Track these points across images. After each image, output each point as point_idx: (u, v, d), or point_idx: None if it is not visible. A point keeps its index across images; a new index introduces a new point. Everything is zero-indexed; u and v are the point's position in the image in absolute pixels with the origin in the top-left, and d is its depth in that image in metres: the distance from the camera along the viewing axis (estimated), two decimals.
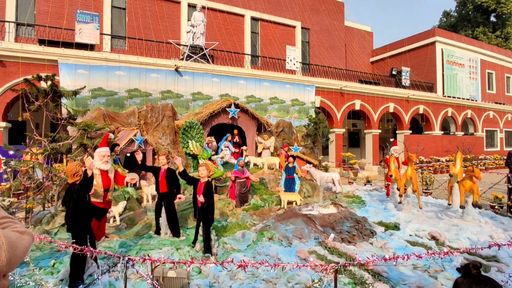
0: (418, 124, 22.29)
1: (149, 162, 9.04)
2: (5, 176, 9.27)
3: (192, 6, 16.25)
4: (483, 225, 6.73)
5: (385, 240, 5.73)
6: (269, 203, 8.39)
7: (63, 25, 12.87)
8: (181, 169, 5.40)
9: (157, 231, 6.10)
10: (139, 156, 5.80)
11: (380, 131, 18.50)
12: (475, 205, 7.00)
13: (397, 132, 19.74)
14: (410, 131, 19.56)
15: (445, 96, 22.02)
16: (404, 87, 19.83)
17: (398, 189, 8.22)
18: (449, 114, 21.70)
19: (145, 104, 10.94)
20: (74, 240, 3.95)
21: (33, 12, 13.55)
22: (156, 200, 6.20)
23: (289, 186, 8.78)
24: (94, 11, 13.89)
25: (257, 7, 18.56)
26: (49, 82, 6.83)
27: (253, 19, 18.62)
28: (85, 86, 9.52)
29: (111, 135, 7.64)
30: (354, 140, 23.28)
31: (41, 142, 6.85)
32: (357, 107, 17.47)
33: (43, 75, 7.49)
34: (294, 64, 15.27)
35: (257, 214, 7.73)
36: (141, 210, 7.36)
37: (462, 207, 7.13)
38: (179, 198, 5.77)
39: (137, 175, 8.61)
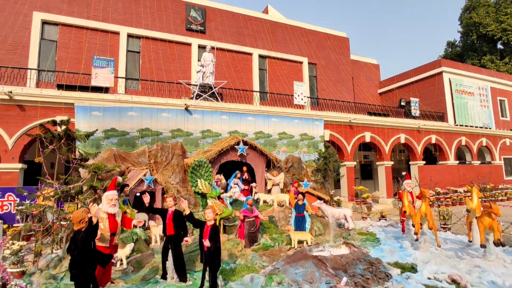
0: (432, 154, 21.85)
1: (158, 202, 9.05)
2: (17, 217, 9.41)
3: (202, 47, 17.04)
4: (509, 266, 6.30)
5: (401, 284, 5.40)
6: (279, 243, 8.15)
7: (81, 70, 13.63)
8: (187, 212, 5.36)
9: (164, 276, 5.94)
10: (146, 199, 5.82)
11: (392, 162, 18.18)
12: (497, 243, 6.61)
13: (410, 163, 19.35)
14: (424, 162, 19.15)
15: (457, 125, 21.73)
16: (414, 117, 19.73)
17: (414, 226, 7.89)
18: (463, 143, 21.26)
19: (155, 143, 11.16)
20: None
21: (54, 58, 14.46)
22: (163, 242, 6.11)
23: (300, 224, 8.56)
24: (110, 56, 14.75)
25: (264, 45, 19.33)
26: (63, 127, 7.10)
27: (261, 56, 19.32)
28: (97, 129, 9.85)
29: (119, 179, 7.75)
30: (366, 172, 22.88)
31: (52, 185, 6.99)
32: (368, 139, 17.35)
33: (58, 119, 7.80)
34: (302, 99, 15.52)
35: (266, 254, 7.49)
36: (148, 252, 7.24)
37: (483, 246, 6.74)
38: (186, 241, 5.68)
39: (146, 215, 8.59)
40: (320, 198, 11.04)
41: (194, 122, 12.58)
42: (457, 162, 20.76)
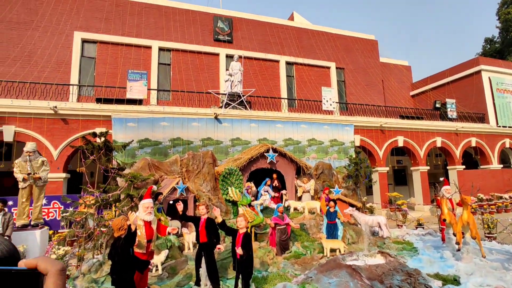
0: (472, 158, 20.61)
1: (190, 210, 9.27)
2: (62, 224, 10.04)
3: (229, 57, 17.39)
4: None
5: None
6: (311, 251, 8.03)
7: (117, 83, 14.40)
8: (219, 220, 5.46)
9: (197, 282, 6.06)
10: (180, 207, 5.99)
11: (428, 167, 17.37)
12: None
13: (448, 167, 18.37)
14: (463, 166, 18.10)
15: (499, 126, 20.37)
16: (450, 119, 18.78)
17: (455, 235, 7.46)
18: (507, 146, 19.87)
19: (187, 152, 11.48)
20: None
21: (93, 74, 15.41)
22: (197, 250, 6.24)
23: (331, 232, 8.39)
24: (143, 69, 15.46)
25: (291, 52, 19.37)
26: (102, 138, 7.53)
27: (288, 63, 19.36)
28: (133, 140, 10.31)
29: (154, 187, 8.04)
30: (400, 178, 22.00)
31: (93, 193, 7.40)
32: (400, 144, 16.73)
33: (97, 131, 8.28)
34: (331, 105, 15.32)
35: (298, 263, 7.41)
36: (182, 259, 7.42)
37: None
38: (219, 248, 5.76)
39: (180, 222, 8.82)
40: (352, 205, 10.77)
41: (224, 131, 12.81)
42: (501, 166, 19.41)
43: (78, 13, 15.54)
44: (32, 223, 7.72)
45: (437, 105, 19.17)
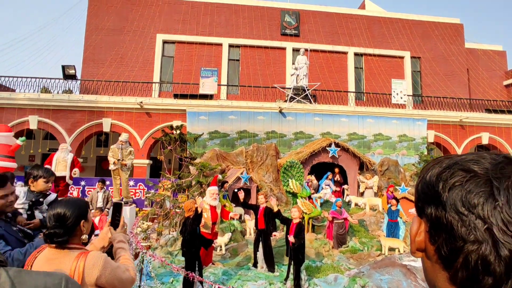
0: None
1: (253, 198, 9.96)
2: (145, 203, 11.68)
3: (296, 50, 17.53)
4: None
5: None
6: (369, 247, 8.01)
7: (191, 80, 15.81)
8: (275, 209, 5.92)
9: (255, 264, 6.66)
10: (241, 195, 6.62)
11: None
12: None
13: None
14: None
15: None
16: None
17: None
18: None
19: (252, 144, 12.19)
20: (186, 264, 4.87)
21: (171, 72, 17.15)
22: (255, 235, 6.84)
23: (392, 231, 8.21)
24: (215, 65, 16.62)
25: (360, 42, 18.62)
26: (178, 131, 8.60)
27: (356, 54, 18.68)
28: (203, 133, 11.41)
29: (220, 176, 8.88)
30: None
31: (170, 178, 8.54)
32: (485, 141, 14.97)
33: (174, 124, 9.43)
34: (401, 98, 14.46)
35: (354, 258, 7.51)
36: (243, 242, 8.14)
37: None
38: (274, 235, 6.25)
39: (243, 209, 9.58)
40: None
41: (288, 124, 13.18)
42: None
43: (160, 17, 17.36)
44: (124, 200, 9.25)
45: None
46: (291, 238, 5.25)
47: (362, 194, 11.25)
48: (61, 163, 9.00)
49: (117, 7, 17.02)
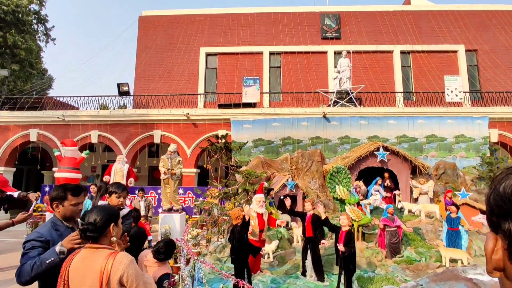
0: None
1: (299, 205, 9.84)
2: (194, 210, 12.12)
3: (337, 53, 17.17)
4: None
5: None
6: (426, 258, 7.45)
7: (234, 90, 16.21)
8: (323, 216, 5.79)
9: (304, 273, 6.55)
10: (287, 202, 6.58)
11: None
12: None
13: None
14: None
15: None
16: None
17: None
18: None
19: (296, 150, 12.10)
20: (235, 271, 4.94)
21: (215, 82, 17.77)
22: (303, 243, 6.74)
23: (453, 240, 7.56)
24: (256, 74, 16.88)
25: (406, 40, 17.69)
26: (223, 140, 8.85)
27: (403, 52, 17.76)
28: (248, 141, 11.59)
29: (266, 184, 8.92)
30: None
31: (217, 186, 8.79)
32: None
33: (219, 133, 9.72)
34: (457, 95, 13.40)
35: (410, 269, 7.03)
36: (291, 250, 8.05)
37: None
38: (323, 243, 6.10)
39: (289, 216, 9.51)
40: (483, 212, 9.31)
41: (332, 129, 12.90)
42: None
43: (202, 31, 18.14)
44: (174, 208, 9.71)
45: None
46: (341, 247, 5.09)
47: (416, 200, 10.55)
48: (119, 173, 9.73)
49: (164, 26, 18.15)
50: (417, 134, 12.71)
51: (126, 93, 14.94)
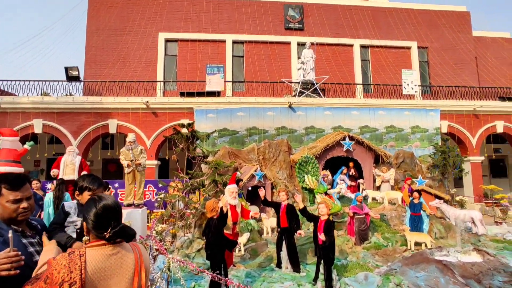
0: None
1: (268, 196, 9.65)
2: (156, 205, 11.39)
3: (301, 44, 17.19)
4: None
5: None
6: (393, 243, 7.70)
7: (197, 78, 15.49)
8: (300, 206, 5.62)
9: (278, 265, 6.36)
10: (262, 193, 6.31)
11: None
12: None
13: None
14: None
15: None
16: None
17: None
18: None
19: (263, 141, 11.87)
20: (211, 267, 4.57)
21: (175, 70, 16.84)
22: (277, 234, 6.54)
23: (416, 225, 7.90)
24: (219, 62, 16.28)
25: (366, 34, 18.25)
26: (190, 129, 8.29)
27: (363, 46, 18.32)
28: (216, 130, 11.09)
29: (239, 174, 8.58)
30: (498, 169, 19.26)
31: (183, 178, 8.24)
32: (500, 130, 14.62)
33: (185, 122, 9.13)
34: (412, 88, 14.11)
35: (379, 254, 7.20)
36: (262, 242, 7.83)
37: None
38: (299, 234, 5.95)
39: (258, 208, 9.29)
40: (438, 197, 9.91)
41: (298, 119, 12.87)
42: None
43: (161, 16, 17.03)
44: (135, 203, 8.95)
45: None
46: (322, 236, 4.95)
47: (378, 188, 10.94)
48: (69, 166, 8.71)
49: (118, 7, 16.70)
50: (377, 125, 13.18)
51: (76, 78, 13.51)
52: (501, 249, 7.57)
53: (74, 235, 2.58)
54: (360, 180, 10.98)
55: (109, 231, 1.57)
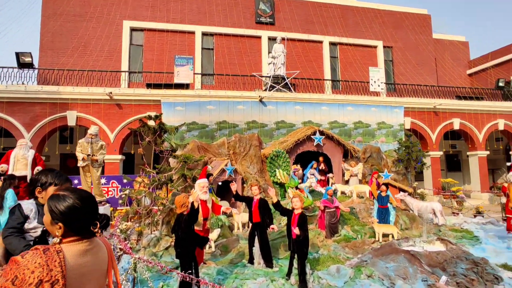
0: None
1: (238, 190, 9.45)
2: (120, 201, 10.78)
3: (272, 39, 17.11)
4: None
5: None
6: (362, 235, 7.86)
7: (164, 69, 14.85)
8: (274, 200, 5.49)
9: (251, 260, 6.22)
10: (234, 187, 6.11)
11: (488, 152, 16.02)
12: None
13: (511, 152, 16.80)
14: None
15: None
16: None
17: None
18: None
19: (233, 135, 11.64)
20: (181, 266, 4.31)
21: (141, 61, 16.04)
22: (250, 229, 6.38)
23: (383, 217, 8.12)
24: (188, 54, 15.74)
25: (335, 32, 18.56)
26: (158, 121, 7.86)
27: (332, 44, 18.62)
28: (185, 123, 10.67)
29: (209, 168, 8.29)
30: (453, 164, 20.58)
31: (150, 173, 7.81)
32: (456, 127, 15.56)
33: (152, 114, 8.65)
34: (379, 86, 14.56)
35: (349, 246, 7.30)
36: (233, 238, 7.65)
37: None
38: (272, 229, 5.83)
39: (228, 203, 9.08)
40: (402, 190, 10.31)
41: (269, 114, 12.78)
42: None
43: (126, 3, 16.11)
44: (97, 200, 8.38)
45: (501, 84, 17.38)
46: (296, 230, 4.86)
47: (347, 182, 11.16)
48: (21, 161, 7.94)
49: None
50: (346, 120, 13.46)
51: (29, 65, 12.36)
52: (460, 238, 7.99)
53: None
54: (330, 174, 11.14)
55: (98, 225, 1.55)
